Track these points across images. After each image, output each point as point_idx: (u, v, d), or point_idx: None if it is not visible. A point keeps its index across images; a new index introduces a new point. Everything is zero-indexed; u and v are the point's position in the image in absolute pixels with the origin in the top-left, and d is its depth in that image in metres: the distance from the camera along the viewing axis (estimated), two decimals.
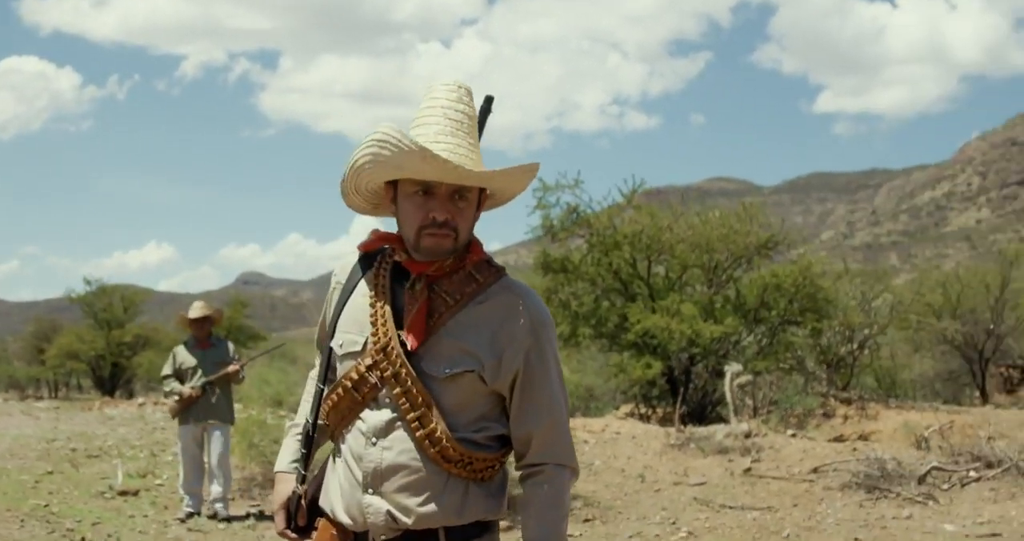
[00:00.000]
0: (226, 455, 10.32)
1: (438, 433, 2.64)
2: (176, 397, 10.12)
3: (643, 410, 22.40)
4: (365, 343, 2.72)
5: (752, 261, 22.49)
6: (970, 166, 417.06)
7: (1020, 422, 18.90)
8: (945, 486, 11.01)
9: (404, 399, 2.64)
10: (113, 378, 40.71)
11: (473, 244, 2.78)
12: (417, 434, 2.64)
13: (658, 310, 20.29)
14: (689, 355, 20.98)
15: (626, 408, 23.37)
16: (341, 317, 2.84)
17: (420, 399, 2.64)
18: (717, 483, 11.89)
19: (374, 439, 2.67)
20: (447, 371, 2.67)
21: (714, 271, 22.44)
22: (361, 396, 2.70)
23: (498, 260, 2.84)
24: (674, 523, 10.06)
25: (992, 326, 31.89)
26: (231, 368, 10.22)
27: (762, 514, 10.35)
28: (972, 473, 11.22)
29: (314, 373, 3.08)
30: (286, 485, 2.93)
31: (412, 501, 2.64)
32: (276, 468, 3.02)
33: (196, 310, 10.46)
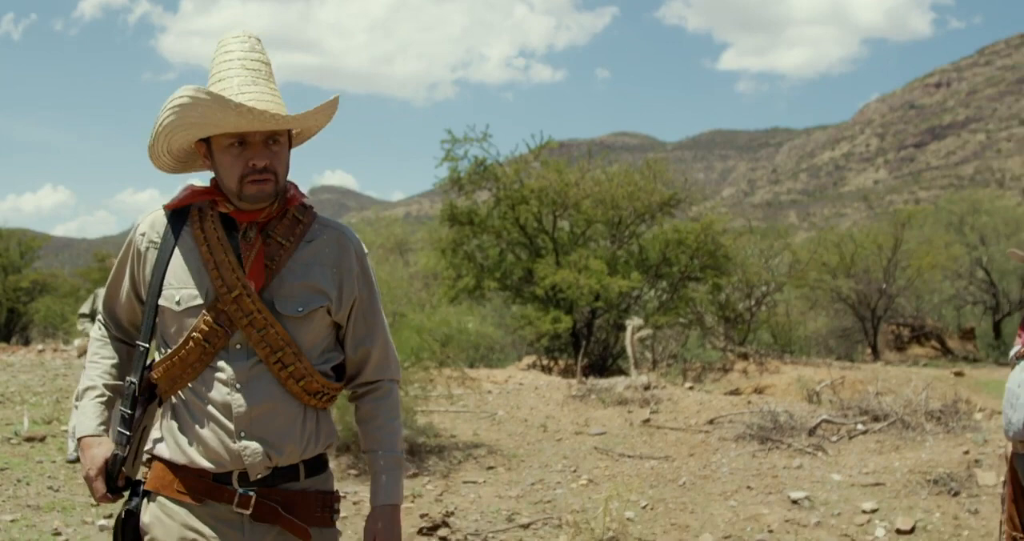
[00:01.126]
0: None
1: (302, 369, 2.84)
2: (88, 337, 10.15)
3: (545, 362, 22.75)
4: (207, 295, 2.82)
5: (655, 218, 22.86)
6: (869, 128, 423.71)
7: (908, 378, 19.54)
8: (834, 438, 11.43)
9: (263, 342, 2.80)
10: (9, 324, 39.93)
11: (291, 188, 2.95)
12: (281, 374, 2.82)
13: (565, 265, 20.58)
14: (591, 309, 21.33)
15: (528, 359, 23.69)
16: (168, 275, 2.87)
17: (280, 340, 2.81)
18: (617, 433, 12.19)
19: (237, 385, 2.80)
20: (300, 310, 2.86)
21: (617, 227, 22.78)
22: (212, 347, 2.81)
23: (400, 211, 3.00)
24: (575, 471, 10.36)
25: (884, 285, 32.73)
26: None
27: (659, 463, 10.69)
28: (860, 426, 11.67)
29: (98, 333, 3.13)
30: (100, 448, 2.88)
31: (282, 438, 2.82)
32: (80, 433, 2.93)
33: None
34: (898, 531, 8.06)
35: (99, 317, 3.16)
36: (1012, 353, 5.55)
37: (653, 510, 8.79)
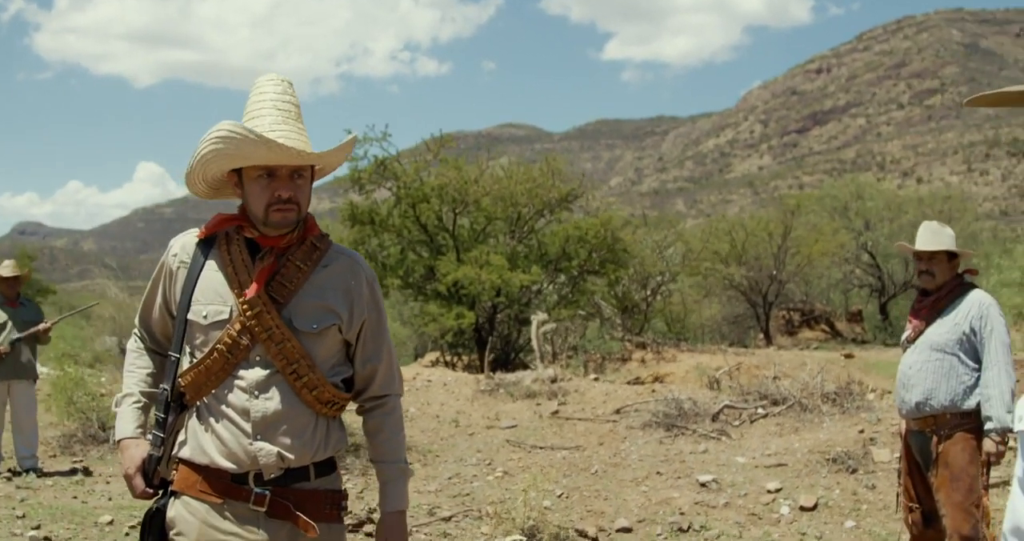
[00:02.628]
0: (33, 411, 10.44)
1: (315, 380, 3.15)
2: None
3: (449, 358, 23.02)
4: (231, 311, 3.15)
5: (554, 213, 23.26)
6: (752, 114, 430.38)
7: (801, 362, 20.15)
8: (736, 422, 11.89)
9: (280, 354, 3.12)
10: None
11: (310, 219, 3.28)
12: (295, 383, 3.13)
13: (466, 261, 20.86)
14: (493, 304, 21.64)
15: (431, 356, 23.95)
16: (196, 292, 3.17)
17: (296, 353, 3.13)
18: (527, 425, 12.52)
19: (256, 392, 3.10)
20: (315, 327, 3.17)
21: (517, 223, 23.12)
22: (234, 357, 3.12)
23: None
24: (490, 464, 10.66)
25: (775, 272, 33.56)
26: (42, 327, 10.33)
27: (571, 453, 11.03)
28: (760, 410, 12.15)
29: (135, 345, 3.43)
30: (138, 449, 3.19)
31: (294, 441, 3.12)
32: (119, 436, 3.25)
33: (7, 269, 10.40)
34: (801, 508, 8.50)
35: (135, 330, 3.45)
36: (903, 338, 5.98)
37: (569, 498, 9.13)
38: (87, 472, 10.33)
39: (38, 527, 7.76)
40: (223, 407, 3.10)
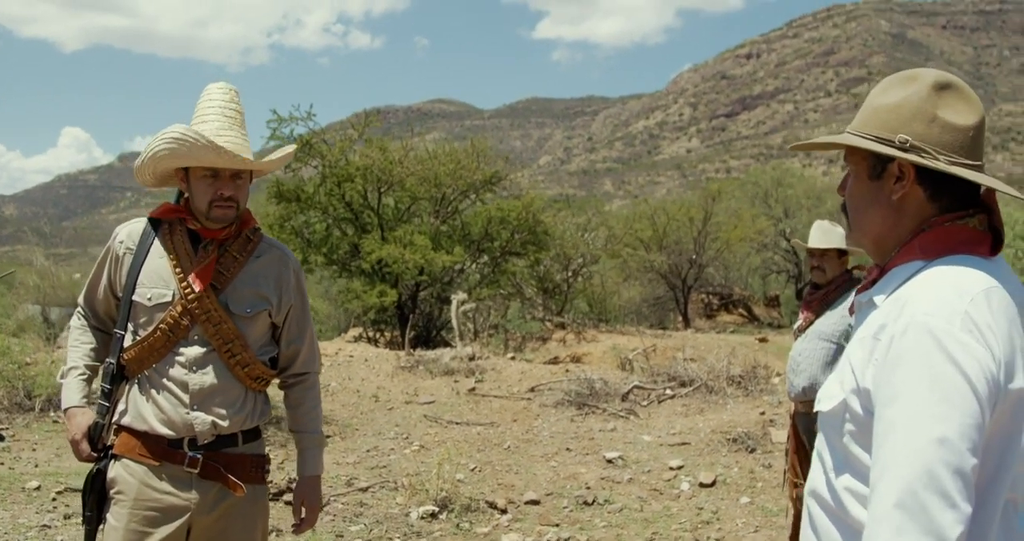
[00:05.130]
0: None
1: (247, 358, 3.56)
2: None
3: (371, 334, 23.27)
4: (173, 294, 3.52)
5: (478, 194, 23.55)
6: (682, 97, 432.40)
7: (715, 345, 20.70)
8: (645, 402, 12.34)
9: (217, 334, 3.51)
10: None
11: (246, 214, 3.69)
12: (229, 361, 3.53)
13: (391, 240, 21.10)
14: (416, 283, 21.91)
15: (354, 331, 24.17)
16: (141, 275, 3.52)
17: (231, 333, 3.53)
18: (445, 401, 12.88)
19: (194, 368, 3.49)
20: (248, 311, 3.59)
21: (441, 203, 23.39)
22: (175, 336, 3.50)
23: None
24: (407, 437, 11.02)
25: (695, 256, 34.08)
26: None
27: (485, 428, 11.42)
28: (668, 391, 12.62)
29: (79, 323, 3.75)
30: (84, 417, 3.52)
31: (226, 411, 3.52)
32: (66, 405, 3.56)
33: None
34: (701, 485, 8.97)
35: (79, 309, 3.78)
36: (795, 327, 6.44)
37: (481, 472, 9.52)
38: (13, 439, 10.48)
39: None
40: (163, 380, 3.47)
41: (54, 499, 7.92)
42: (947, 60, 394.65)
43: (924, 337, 1.85)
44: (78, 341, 3.71)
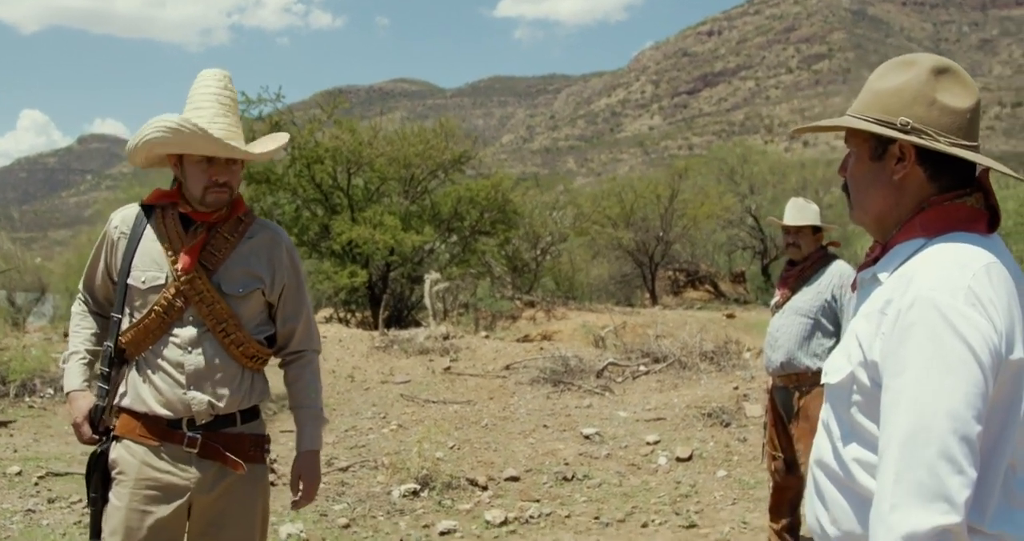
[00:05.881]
0: None
1: (241, 337, 3.60)
2: None
3: (343, 314, 23.31)
4: (167, 277, 3.56)
5: (447, 174, 23.61)
6: (644, 75, 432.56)
7: (684, 321, 20.85)
8: (619, 379, 12.47)
9: (211, 315, 3.56)
10: None
11: (238, 199, 3.73)
12: (224, 340, 3.57)
13: (360, 221, 21.13)
14: (387, 263, 21.97)
15: (325, 312, 24.19)
16: (135, 259, 3.57)
17: (224, 313, 3.58)
18: (420, 381, 12.95)
19: (189, 348, 3.54)
20: (241, 290, 3.63)
21: (410, 183, 23.43)
22: (169, 317, 3.55)
23: None
24: (384, 417, 11.09)
25: (662, 233, 34.24)
26: None
27: (462, 407, 11.51)
28: (642, 367, 12.74)
29: (79, 308, 3.81)
30: (85, 401, 3.58)
31: (223, 391, 3.57)
32: (69, 388, 3.64)
33: None
34: (678, 459, 9.10)
35: (79, 295, 3.83)
36: (772, 303, 6.55)
37: (460, 450, 9.61)
38: None
39: None
40: (160, 361, 3.51)
41: (36, 484, 7.95)
42: (907, 36, 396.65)
43: (930, 311, 1.94)
44: (79, 326, 3.78)
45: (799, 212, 6.25)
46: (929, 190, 2.18)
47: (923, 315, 1.95)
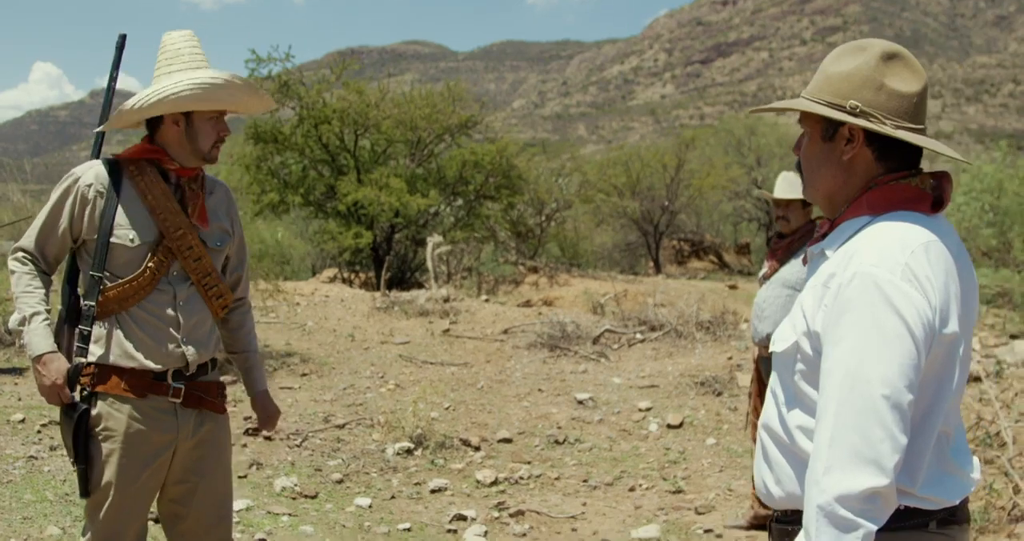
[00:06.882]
0: None
1: (221, 289, 3.80)
2: None
3: (346, 275, 23.46)
4: (156, 234, 3.64)
5: (454, 138, 23.68)
6: (657, 42, 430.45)
7: (686, 290, 20.99)
8: (615, 346, 12.61)
9: (197, 269, 3.71)
10: None
11: None
12: (207, 293, 3.75)
13: (367, 182, 21.24)
14: (391, 225, 22.09)
15: (329, 272, 24.33)
16: (117, 217, 3.57)
17: (208, 266, 3.74)
18: (419, 342, 13.11)
19: (180, 303, 3.68)
20: (219, 244, 3.82)
21: (417, 146, 23.51)
22: (158, 273, 3.65)
23: None
24: (382, 377, 11.25)
25: (667, 203, 34.30)
26: None
27: (459, 369, 11.67)
28: (638, 335, 12.88)
29: (27, 267, 3.66)
30: (61, 362, 3.52)
31: (206, 341, 3.76)
32: (40, 351, 3.52)
33: None
34: (668, 426, 9.26)
35: (20, 254, 3.73)
36: (760, 274, 6.68)
37: (455, 411, 9.78)
38: None
39: None
40: (150, 316, 3.60)
41: (39, 431, 8.08)
42: (923, 11, 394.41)
43: (869, 286, 2.08)
44: (31, 286, 3.66)
45: (789, 186, 6.37)
46: (876, 170, 2.32)
47: (862, 289, 2.09)
